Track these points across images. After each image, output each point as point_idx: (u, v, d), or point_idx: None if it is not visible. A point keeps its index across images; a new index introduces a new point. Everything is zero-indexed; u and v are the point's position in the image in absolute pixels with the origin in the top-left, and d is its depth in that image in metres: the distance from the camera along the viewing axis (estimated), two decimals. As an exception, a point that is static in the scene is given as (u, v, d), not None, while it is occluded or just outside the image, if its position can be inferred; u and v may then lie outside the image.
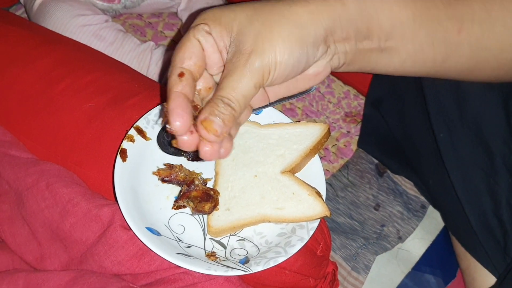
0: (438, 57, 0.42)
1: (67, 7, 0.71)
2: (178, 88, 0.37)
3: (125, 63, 0.69)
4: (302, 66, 0.38)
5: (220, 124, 0.36)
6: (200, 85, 0.40)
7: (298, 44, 0.37)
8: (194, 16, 0.77)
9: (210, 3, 0.81)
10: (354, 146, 0.77)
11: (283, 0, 0.38)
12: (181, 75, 0.37)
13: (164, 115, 0.37)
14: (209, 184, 0.48)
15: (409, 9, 0.39)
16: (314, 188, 0.47)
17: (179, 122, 0.35)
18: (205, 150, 0.37)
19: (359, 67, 0.42)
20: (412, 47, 0.41)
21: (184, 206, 0.45)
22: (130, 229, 0.42)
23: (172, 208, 0.45)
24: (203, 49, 0.38)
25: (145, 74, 0.72)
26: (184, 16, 0.81)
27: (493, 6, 0.41)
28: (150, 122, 0.49)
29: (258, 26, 0.37)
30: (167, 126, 0.36)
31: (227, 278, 0.43)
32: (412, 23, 0.40)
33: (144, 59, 0.73)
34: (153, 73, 0.74)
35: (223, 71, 0.38)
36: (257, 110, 0.52)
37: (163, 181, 0.46)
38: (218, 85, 0.38)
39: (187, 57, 0.38)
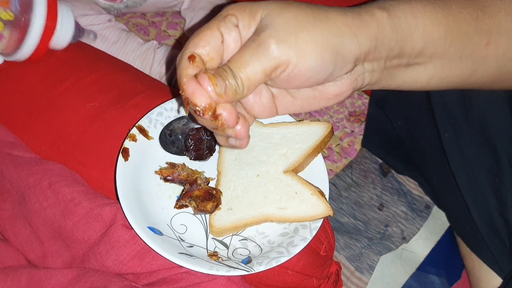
0: (465, 71, 0.41)
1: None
2: (189, 71, 0.34)
3: (128, 62, 0.69)
4: (324, 77, 0.35)
5: (221, 85, 0.33)
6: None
7: (329, 52, 0.34)
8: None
9: (213, 2, 0.80)
10: (358, 146, 0.77)
11: (317, 4, 0.35)
12: (191, 58, 0.34)
13: (185, 102, 0.34)
14: (212, 184, 0.48)
15: (441, 26, 0.38)
16: (317, 188, 0.46)
17: (203, 101, 0.32)
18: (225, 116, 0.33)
19: (383, 85, 0.40)
20: (440, 63, 0.39)
21: (186, 206, 0.45)
22: (132, 228, 0.42)
23: (174, 208, 0.45)
24: (223, 41, 0.35)
25: (148, 73, 0.72)
26: (187, 15, 0.81)
27: None
28: (153, 121, 0.49)
29: (287, 19, 0.34)
30: (196, 108, 0.33)
31: (229, 278, 0.42)
32: (443, 40, 0.38)
33: (147, 58, 0.73)
34: (156, 72, 0.74)
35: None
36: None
37: (166, 180, 0.46)
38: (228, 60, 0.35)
39: (201, 45, 0.34)
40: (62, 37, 0.53)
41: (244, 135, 0.36)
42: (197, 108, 0.33)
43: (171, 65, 0.72)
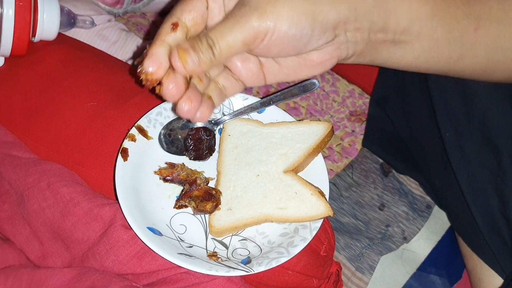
0: (453, 55, 0.41)
1: (70, 8, 0.71)
2: (167, 38, 0.36)
3: (128, 62, 0.69)
4: (301, 45, 0.36)
5: (194, 60, 0.35)
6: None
7: (304, 18, 0.35)
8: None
9: None
10: (358, 146, 0.76)
11: None
12: (175, 25, 0.36)
13: (142, 57, 0.36)
14: (211, 184, 0.48)
15: (428, 6, 0.38)
16: (317, 188, 0.46)
17: (152, 68, 0.35)
18: (169, 88, 0.36)
19: (369, 59, 0.40)
20: (428, 44, 0.40)
21: (186, 206, 0.45)
22: (131, 229, 0.42)
23: (174, 208, 0.45)
24: (208, 7, 0.37)
25: (148, 73, 0.72)
26: None
27: (511, 6, 0.40)
28: (152, 121, 0.49)
29: None
30: (138, 66, 0.35)
31: (229, 278, 0.42)
32: (430, 20, 0.38)
33: None
34: (156, 72, 0.74)
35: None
36: (260, 109, 0.51)
37: (165, 180, 0.46)
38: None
39: (187, 10, 0.36)
40: (47, 28, 0.52)
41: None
42: (143, 74, 0.36)
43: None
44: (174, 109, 0.50)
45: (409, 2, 0.38)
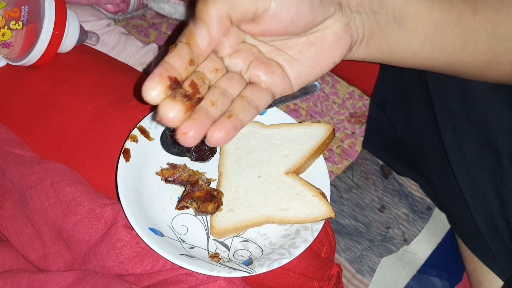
0: (456, 42, 0.42)
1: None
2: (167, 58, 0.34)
3: (137, 68, 0.70)
4: (308, 15, 0.35)
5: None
6: (205, 68, 0.36)
7: None
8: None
9: None
10: (359, 147, 0.77)
11: None
12: (172, 46, 0.34)
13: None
14: (213, 185, 0.48)
15: None
16: (319, 189, 0.46)
17: (153, 92, 0.32)
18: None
19: (378, 46, 0.41)
20: (429, 27, 0.41)
21: (188, 207, 0.45)
22: (133, 229, 0.42)
23: (175, 209, 0.45)
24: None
25: (148, 76, 0.72)
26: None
27: None
28: (154, 122, 0.49)
29: None
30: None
31: (230, 279, 0.42)
32: (425, 0, 0.40)
33: (147, 62, 0.73)
34: (156, 75, 0.74)
35: None
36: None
37: (167, 181, 0.46)
38: None
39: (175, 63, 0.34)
40: (68, 42, 0.54)
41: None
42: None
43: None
44: None
45: None
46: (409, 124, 0.66)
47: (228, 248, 0.44)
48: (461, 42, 0.42)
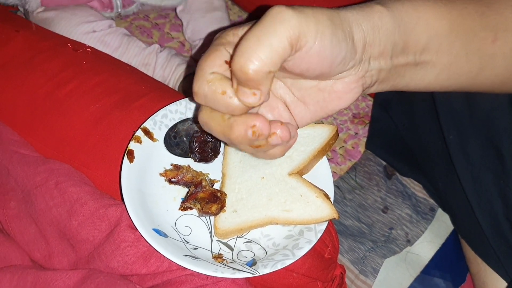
0: (473, 69, 0.40)
1: (69, 16, 0.71)
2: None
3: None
4: (337, 60, 0.34)
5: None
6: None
7: (341, 31, 0.33)
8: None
9: (208, 1, 0.80)
10: (362, 148, 0.76)
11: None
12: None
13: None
14: (216, 186, 0.48)
15: (445, 21, 0.38)
16: (322, 190, 0.46)
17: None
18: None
19: (392, 84, 0.39)
20: (447, 59, 0.39)
21: (191, 208, 0.45)
22: (137, 230, 0.42)
23: (179, 210, 0.45)
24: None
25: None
26: (183, 18, 0.81)
27: None
28: (157, 123, 0.49)
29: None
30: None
31: (233, 280, 0.42)
32: (448, 34, 0.38)
33: (150, 63, 0.73)
34: (159, 76, 0.74)
35: None
36: None
37: (170, 182, 0.46)
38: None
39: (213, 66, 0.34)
40: None
41: (287, 135, 0.35)
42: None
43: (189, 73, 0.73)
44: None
45: (426, 19, 0.37)
46: (412, 124, 0.66)
47: (231, 249, 0.44)
48: (478, 69, 0.40)
